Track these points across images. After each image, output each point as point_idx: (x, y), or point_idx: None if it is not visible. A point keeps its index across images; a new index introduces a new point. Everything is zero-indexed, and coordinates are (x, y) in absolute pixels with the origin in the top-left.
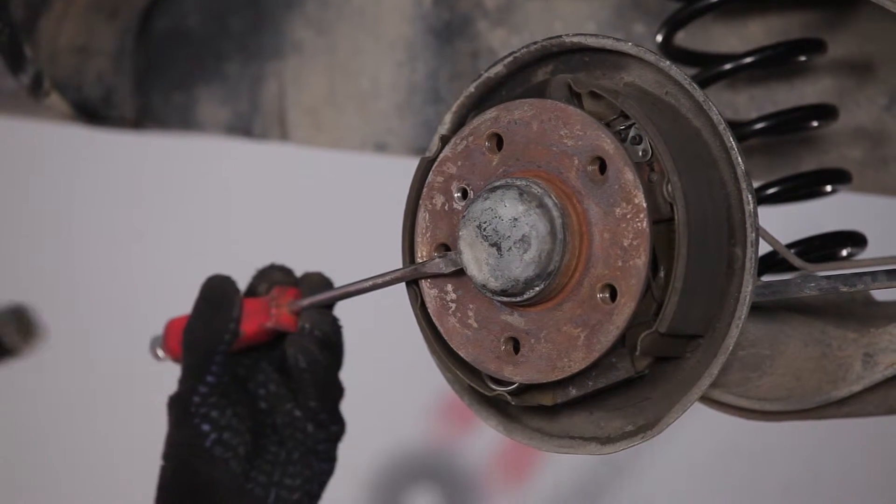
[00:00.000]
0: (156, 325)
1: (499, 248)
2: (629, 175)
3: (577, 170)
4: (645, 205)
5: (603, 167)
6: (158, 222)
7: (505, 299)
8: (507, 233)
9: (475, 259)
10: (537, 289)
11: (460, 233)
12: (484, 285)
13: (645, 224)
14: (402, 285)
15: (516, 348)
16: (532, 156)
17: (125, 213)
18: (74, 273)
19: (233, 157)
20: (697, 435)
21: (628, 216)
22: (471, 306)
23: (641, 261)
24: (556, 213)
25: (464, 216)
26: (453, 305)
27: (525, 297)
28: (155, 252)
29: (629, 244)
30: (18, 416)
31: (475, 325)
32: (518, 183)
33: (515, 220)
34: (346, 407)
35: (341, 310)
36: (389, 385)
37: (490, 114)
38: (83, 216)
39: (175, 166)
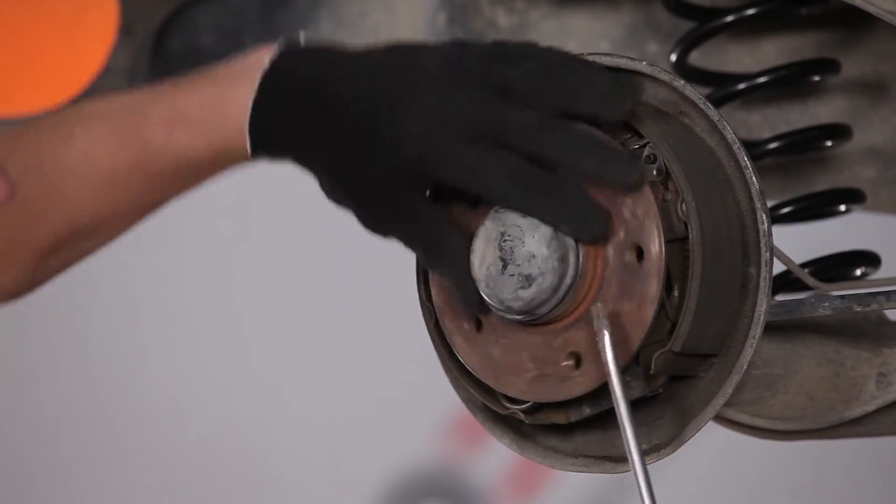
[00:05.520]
0: (155, 331)
1: (504, 266)
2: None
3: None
4: (660, 225)
5: None
6: (168, 233)
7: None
8: (519, 261)
9: (482, 256)
10: (519, 318)
11: (485, 222)
12: (476, 279)
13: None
14: (417, 302)
15: None
16: None
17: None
18: (76, 278)
19: (246, 173)
20: (709, 454)
21: None
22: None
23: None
24: (570, 274)
25: (497, 210)
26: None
27: (521, 317)
28: (160, 258)
29: None
30: (17, 421)
31: None
32: None
33: (533, 256)
34: (358, 424)
35: (352, 325)
36: (401, 402)
37: None
38: None
39: None
